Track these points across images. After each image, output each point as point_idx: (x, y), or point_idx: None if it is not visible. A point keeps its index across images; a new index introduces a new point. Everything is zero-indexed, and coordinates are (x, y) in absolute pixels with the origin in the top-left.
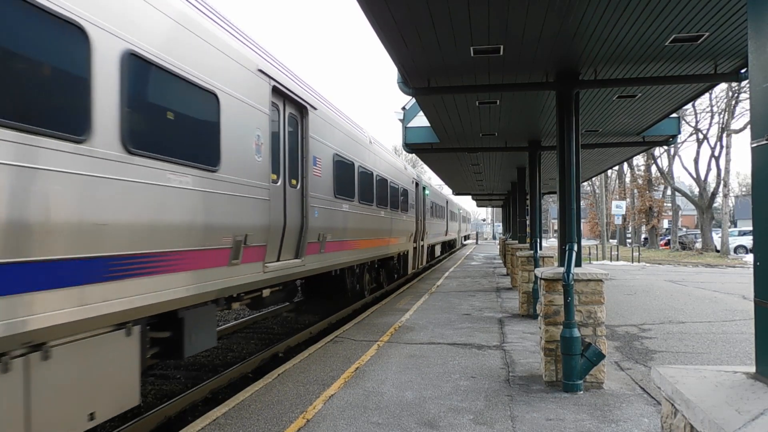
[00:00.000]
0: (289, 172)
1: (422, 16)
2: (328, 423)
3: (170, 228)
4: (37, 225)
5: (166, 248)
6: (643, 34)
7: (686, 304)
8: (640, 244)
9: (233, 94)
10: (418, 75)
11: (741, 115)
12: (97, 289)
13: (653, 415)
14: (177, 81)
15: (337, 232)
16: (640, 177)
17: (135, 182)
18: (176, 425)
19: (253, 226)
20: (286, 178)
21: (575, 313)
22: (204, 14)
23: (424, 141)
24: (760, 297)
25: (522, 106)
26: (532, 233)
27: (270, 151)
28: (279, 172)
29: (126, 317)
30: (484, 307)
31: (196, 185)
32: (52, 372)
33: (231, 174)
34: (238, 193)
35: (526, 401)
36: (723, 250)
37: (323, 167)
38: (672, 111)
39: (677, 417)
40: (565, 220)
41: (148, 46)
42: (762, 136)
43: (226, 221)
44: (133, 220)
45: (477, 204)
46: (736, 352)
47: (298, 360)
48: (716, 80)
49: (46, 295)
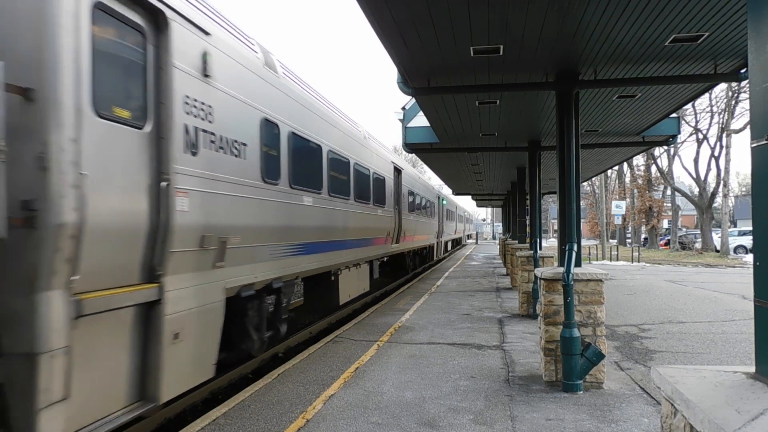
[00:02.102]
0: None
1: (422, 16)
2: (328, 423)
3: (336, 228)
4: (292, 227)
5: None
6: (643, 34)
7: (686, 304)
8: (639, 244)
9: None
10: (418, 75)
11: (741, 115)
12: (310, 257)
13: (653, 415)
14: (316, 149)
15: (410, 229)
16: (640, 177)
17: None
18: (176, 425)
19: (390, 228)
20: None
21: (575, 313)
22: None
23: (424, 141)
24: (760, 297)
25: (522, 106)
26: (532, 233)
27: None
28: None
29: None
30: (483, 307)
31: (359, 210)
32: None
33: (376, 205)
34: (380, 215)
35: (525, 401)
36: (723, 250)
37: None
38: (672, 111)
39: (677, 417)
40: (565, 220)
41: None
42: (762, 136)
43: (377, 225)
44: (300, 224)
45: (477, 204)
46: (736, 352)
47: (297, 360)
48: (716, 80)
49: (299, 258)
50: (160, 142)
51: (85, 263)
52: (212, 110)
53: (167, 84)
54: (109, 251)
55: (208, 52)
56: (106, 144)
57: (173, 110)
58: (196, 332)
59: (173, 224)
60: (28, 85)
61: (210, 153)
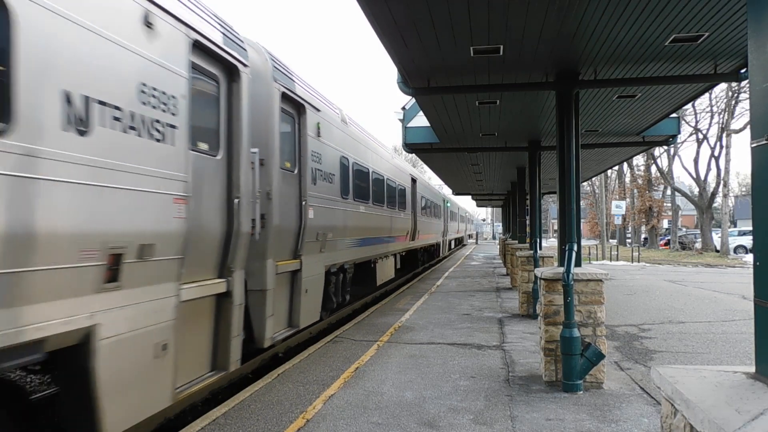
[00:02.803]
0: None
1: (422, 16)
2: (328, 423)
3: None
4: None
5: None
6: (642, 34)
7: (686, 304)
8: (639, 244)
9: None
10: (418, 75)
11: (741, 115)
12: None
13: (653, 415)
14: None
15: (423, 229)
16: (640, 177)
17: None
18: (176, 425)
19: (408, 228)
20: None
21: (575, 313)
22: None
23: (424, 141)
24: (760, 297)
25: (522, 106)
26: (532, 233)
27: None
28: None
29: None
30: (483, 307)
31: (384, 213)
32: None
33: (399, 210)
34: (402, 217)
35: (525, 401)
36: (723, 250)
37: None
38: (672, 111)
39: (677, 417)
40: (565, 220)
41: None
42: (762, 136)
43: (400, 226)
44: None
45: (477, 204)
46: (736, 352)
47: (297, 360)
48: (716, 80)
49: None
50: (301, 179)
51: (274, 248)
52: (320, 156)
53: (304, 145)
54: (285, 240)
55: (320, 122)
56: (282, 182)
57: (306, 160)
58: (313, 290)
59: (307, 226)
60: (261, 158)
61: (321, 182)
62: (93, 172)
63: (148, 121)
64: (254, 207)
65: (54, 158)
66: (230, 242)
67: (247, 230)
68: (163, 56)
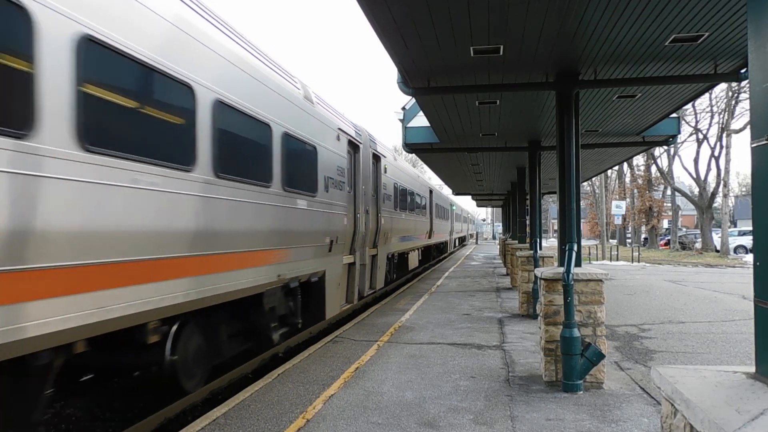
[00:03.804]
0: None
1: (422, 16)
2: (328, 423)
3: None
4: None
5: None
6: (642, 34)
7: (686, 304)
8: (639, 244)
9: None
10: (418, 75)
11: (741, 115)
12: (402, 243)
13: (653, 415)
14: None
15: (437, 229)
16: (640, 177)
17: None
18: (176, 425)
19: (427, 228)
20: (431, 215)
21: (575, 313)
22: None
23: (424, 141)
24: (760, 297)
25: (522, 106)
26: (532, 233)
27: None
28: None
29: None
30: (484, 307)
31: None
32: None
33: (421, 214)
34: (423, 220)
35: (525, 401)
36: (723, 250)
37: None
38: (672, 111)
39: (677, 417)
40: (565, 220)
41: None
42: (762, 136)
43: (421, 227)
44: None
45: (477, 204)
46: (736, 352)
47: (297, 360)
48: (716, 80)
49: (400, 244)
50: (377, 200)
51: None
52: (386, 185)
53: (380, 180)
54: (370, 237)
55: (386, 165)
56: (370, 203)
57: (380, 188)
58: (382, 267)
59: (380, 228)
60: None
61: (386, 201)
62: (329, 206)
63: (338, 181)
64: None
65: (320, 201)
66: (355, 236)
67: (361, 230)
68: (341, 150)
